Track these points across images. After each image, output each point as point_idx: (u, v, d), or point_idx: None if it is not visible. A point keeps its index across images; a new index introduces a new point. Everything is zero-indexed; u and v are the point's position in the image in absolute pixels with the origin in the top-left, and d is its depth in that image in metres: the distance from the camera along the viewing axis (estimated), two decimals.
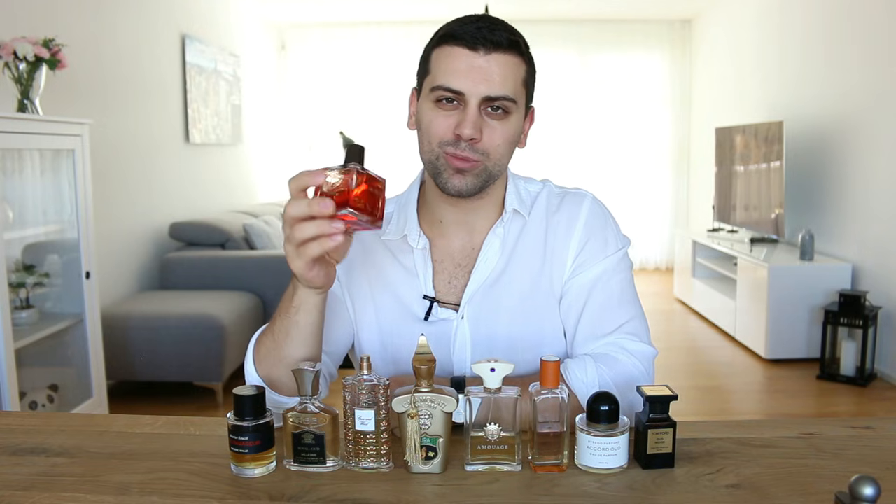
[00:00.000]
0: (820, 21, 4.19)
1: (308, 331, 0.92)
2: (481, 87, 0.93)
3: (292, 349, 0.92)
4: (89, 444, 0.94)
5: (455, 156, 0.95)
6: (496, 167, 0.98)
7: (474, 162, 0.96)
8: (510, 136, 0.98)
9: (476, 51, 0.93)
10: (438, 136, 0.96)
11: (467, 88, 0.93)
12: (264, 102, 6.09)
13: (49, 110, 2.64)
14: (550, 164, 6.40)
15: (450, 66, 0.94)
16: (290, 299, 0.91)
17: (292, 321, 0.91)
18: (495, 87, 0.93)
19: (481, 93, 0.93)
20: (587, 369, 0.99)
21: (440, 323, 1.05)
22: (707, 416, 3.07)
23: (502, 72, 0.94)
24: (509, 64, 0.94)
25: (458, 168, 0.96)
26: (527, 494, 0.79)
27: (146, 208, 3.89)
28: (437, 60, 0.96)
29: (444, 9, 5.36)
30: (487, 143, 0.96)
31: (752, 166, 4.55)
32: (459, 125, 0.94)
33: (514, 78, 0.95)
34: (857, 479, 0.64)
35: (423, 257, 1.06)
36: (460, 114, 0.94)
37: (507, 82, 0.94)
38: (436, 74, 0.96)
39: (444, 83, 0.94)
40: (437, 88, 0.95)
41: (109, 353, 2.94)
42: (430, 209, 1.08)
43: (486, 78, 0.93)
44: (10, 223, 2.46)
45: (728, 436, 0.94)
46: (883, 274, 3.58)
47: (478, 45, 0.93)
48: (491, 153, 0.96)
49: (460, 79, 0.93)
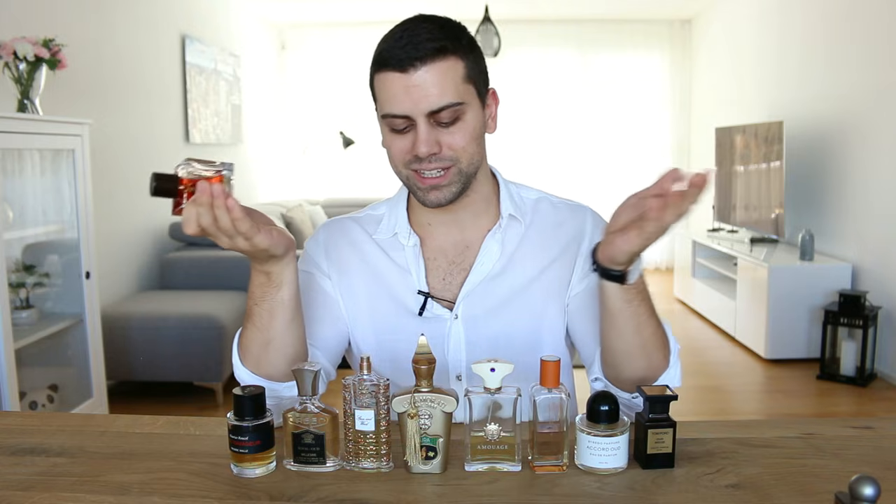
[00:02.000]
0: (820, 21, 4.19)
1: (292, 304, 0.93)
2: (422, 105, 0.93)
3: (279, 327, 0.93)
4: (89, 444, 0.94)
5: (421, 172, 0.97)
6: (470, 165, 0.99)
7: (446, 171, 0.97)
8: (472, 134, 0.98)
9: (406, 71, 0.93)
10: (400, 158, 0.98)
11: (409, 110, 0.94)
12: (264, 102, 6.09)
13: (49, 110, 2.64)
14: (551, 164, 6.41)
15: (387, 92, 0.95)
16: (265, 285, 0.92)
17: (275, 300, 0.92)
18: (434, 101, 0.93)
19: (423, 110, 0.93)
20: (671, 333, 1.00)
21: (434, 321, 1.06)
22: (707, 416, 3.07)
23: (438, 81, 0.93)
24: (442, 70, 0.93)
25: (430, 185, 0.98)
26: (527, 494, 0.79)
27: (146, 208, 3.89)
28: (379, 88, 0.97)
29: (443, 9, 5.35)
30: (450, 150, 0.96)
31: (752, 166, 4.55)
32: (414, 146, 0.95)
33: (452, 82, 0.94)
34: (857, 479, 0.64)
35: (414, 254, 1.08)
36: (413, 134, 0.95)
37: (447, 90, 0.94)
38: (381, 102, 0.97)
39: (388, 111, 0.95)
40: (385, 116, 0.97)
41: (109, 353, 2.94)
42: (417, 212, 1.09)
43: (424, 94, 0.93)
44: (10, 223, 2.46)
45: (728, 436, 0.94)
46: (883, 274, 3.58)
47: (405, 66, 0.92)
48: (460, 156, 0.97)
49: (400, 103, 0.94)
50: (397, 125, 0.96)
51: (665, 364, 0.96)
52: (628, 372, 0.96)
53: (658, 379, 0.96)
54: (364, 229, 1.12)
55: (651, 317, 0.93)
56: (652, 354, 0.94)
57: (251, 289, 0.93)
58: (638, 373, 0.95)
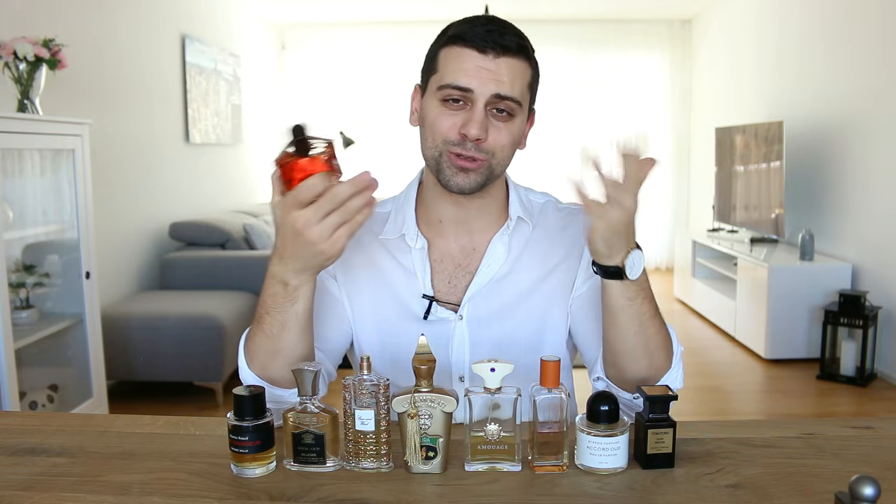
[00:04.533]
0: (820, 21, 4.19)
1: (306, 318, 0.91)
2: (490, 87, 0.94)
3: (291, 340, 0.91)
4: (89, 444, 0.94)
5: (459, 155, 0.96)
6: (499, 166, 0.99)
7: (480, 161, 0.97)
8: (514, 137, 0.99)
9: (485, 53, 0.94)
10: (443, 134, 0.97)
11: (476, 87, 0.94)
12: (264, 102, 6.09)
13: (49, 110, 2.64)
14: (551, 164, 6.40)
15: (459, 65, 0.95)
16: (281, 294, 0.88)
17: (290, 313, 0.89)
18: (504, 88, 0.94)
19: (490, 91, 0.94)
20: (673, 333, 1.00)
21: (438, 323, 1.05)
22: (707, 416, 3.07)
23: (511, 74, 0.95)
24: (517, 67, 0.95)
25: (461, 167, 0.97)
26: (527, 494, 0.79)
27: (146, 208, 3.89)
28: (446, 60, 0.96)
29: (443, 9, 5.36)
30: (493, 143, 0.96)
31: (752, 166, 4.55)
32: (466, 125, 0.94)
33: (521, 81, 0.96)
34: (857, 479, 0.64)
35: (420, 257, 1.07)
36: (466, 114, 0.95)
37: (515, 84, 0.95)
38: (444, 73, 0.96)
39: (452, 81, 0.95)
40: (444, 87, 0.95)
41: (109, 353, 2.94)
42: (428, 208, 1.08)
43: (496, 78, 0.94)
44: (10, 223, 2.46)
45: (728, 436, 0.94)
46: (883, 274, 3.58)
47: (487, 48, 0.94)
48: (496, 153, 0.97)
49: (469, 78, 0.94)
50: (453, 96, 0.95)
51: (668, 365, 0.96)
52: (630, 372, 0.96)
53: (660, 380, 0.96)
54: (369, 228, 1.10)
55: (654, 317, 0.93)
56: (654, 354, 0.94)
57: (263, 297, 0.91)
58: (640, 373, 0.95)
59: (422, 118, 1.00)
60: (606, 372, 1.00)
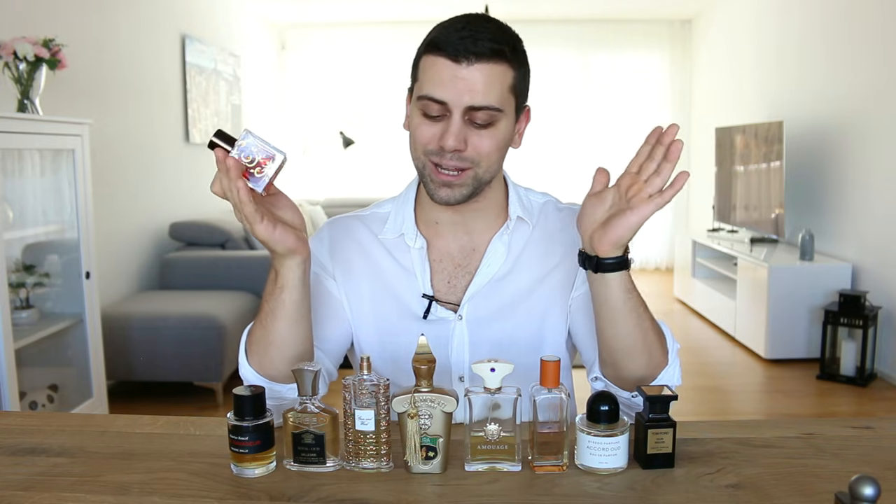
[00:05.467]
0: (820, 21, 4.19)
1: (293, 308, 0.92)
2: (464, 98, 0.92)
3: (281, 329, 0.93)
4: (89, 444, 0.94)
5: (440, 165, 0.96)
6: (487, 173, 0.99)
7: (462, 171, 0.96)
8: (499, 142, 0.97)
9: (458, 62, 0.92)
10: (423, 144, 0.97)
11: (450, 99, 0.93)
12: (264, 102, 6.09)
13: (49, 110, 2.64)
14: (551, 164, 6.41)
15: (434, 76, 0.94)
16: (273, 282, 0.93)
17: (278, 301, 0.92)
18: (478, 98, 0.93)
19: (464, 103, 0.93)
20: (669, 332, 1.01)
21: (438, 323, 1.06)
22: (707, 416, 3.07)
23: (486, 81, 0.93)
24: (493, 73, 0.93)
25: (444, 181, 0.97)
26: (527, 494, 0.79)
27: (146, 208, 3.89)
28: (424, 69, 0.96)
29: (443, 9, 5.35)
30: (475, 152, 0.96)
31: (752, 166, 4.55)
32: (443, 136, 0.94)
33: (499, 86, 0.94)
34: (857, 479, 0.64)
35: (420, 257, 1.07)
36: (445, 124, 0.94)
37: (492, 92, 0.93)
38: (422, 83, 0.96)
39: (428, 93, 0.94)
40: (422, 98, 0.95)
41: (109, 353, 2.94)
42: (426, 210, 1.08)
43: (470, 88, 0.92)
44: (10, 223, 2.46)
45: (728, 436, 0.94)
46: (883, 274, 3.58)
47: (459, 57, 0.92)
48: (481, 161, 0.97)
49: (443, 89, 0.93)
50: (432, 110, 0.95)
51: (665, 360, 0.96)
52: (630, 370, 0.96)
53: (658, 376, 0.96)
54: (369, 228, 1.10)
55: (646, 309, 0.95)
56: (653, 348, 0.95)
57: (266, 285, 0.95)
58: (640, 370, 0.95)
59: (408, 126, 1.00)
60: (604, 372, 1.00)
